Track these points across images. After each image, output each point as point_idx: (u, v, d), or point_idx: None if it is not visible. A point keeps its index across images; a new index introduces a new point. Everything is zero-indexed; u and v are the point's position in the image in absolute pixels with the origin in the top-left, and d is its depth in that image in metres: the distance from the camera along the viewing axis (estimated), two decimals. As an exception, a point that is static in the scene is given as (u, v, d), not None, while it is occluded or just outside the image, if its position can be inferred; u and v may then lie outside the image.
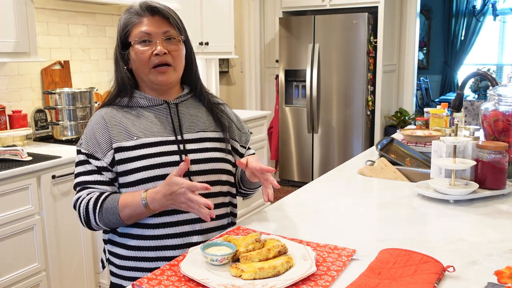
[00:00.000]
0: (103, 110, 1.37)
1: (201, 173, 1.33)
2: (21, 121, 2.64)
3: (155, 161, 1.29)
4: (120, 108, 1.37)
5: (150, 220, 1.29)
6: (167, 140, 1.33)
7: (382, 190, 1.77)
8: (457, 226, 1.37)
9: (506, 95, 1.70)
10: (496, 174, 1.60)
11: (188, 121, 1.39)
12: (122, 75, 1.36)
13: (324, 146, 4.97)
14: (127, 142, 1.30)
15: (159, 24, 1.32)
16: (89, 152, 1.31)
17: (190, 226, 1.31)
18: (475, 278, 1.03)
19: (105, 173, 1.31)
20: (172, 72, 1.35)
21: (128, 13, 1.34)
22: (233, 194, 1.46)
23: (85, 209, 1.29)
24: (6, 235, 2.07)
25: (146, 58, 1.31)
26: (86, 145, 1.33)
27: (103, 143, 1.31)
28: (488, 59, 8.02)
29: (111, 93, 1.40)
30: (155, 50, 1.30)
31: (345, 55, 4.73)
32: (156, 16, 1.32)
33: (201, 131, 1.39)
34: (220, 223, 1.38)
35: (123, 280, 1.35)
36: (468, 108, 5.47)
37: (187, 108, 1.42)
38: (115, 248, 1.36)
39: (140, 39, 1.31)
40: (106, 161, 1.30)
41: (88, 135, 1.34)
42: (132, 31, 1.33)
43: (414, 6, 5.02)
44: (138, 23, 1.32)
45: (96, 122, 1.34)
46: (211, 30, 3.72)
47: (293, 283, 0.98)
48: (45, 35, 2.88)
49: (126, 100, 1.37)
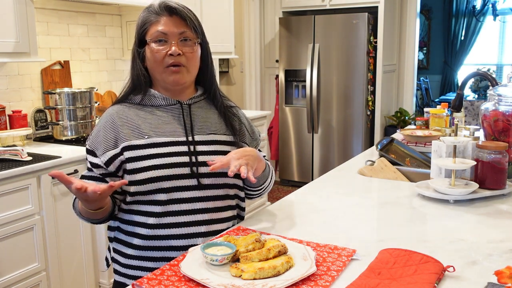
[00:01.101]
0: (115, 107, 1.38)
1: (209, 175, 1.33)
2: (21, 121, 2.64)
3: (165, 161, 1.29)
4: (132, 105, 1.38)
5: (156, 220, 1.29)
6: (178, 140, 1.33)
7: (382, 190, 1.77)
8: (457, 226, 1.37)
9: (506, 95, 1.70)
10: (496, 174, 1.60)
11: (200, 123, 1.39)
12: (138, 72, 1.37)
13: (324, 146, 4.97)
14: (138, 141, 1.31)
15: (176, 25, 1.32)
16: (90, 148, 1.35)
17: (196, 228, 1.31)
18: (475, 278, 1.03)
19: (96, 169, 1.33)
20: (185, 73, 1.35)
21: (147, 11, 1.35)
22: (241, 197, 1.45)
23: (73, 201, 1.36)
24: (6, 235, 2.07)
25: (160, 57, 1.32)
26: (91, 142, 1.36)
27: (106, 142, 1.32)
28: (488, 59, 8.01)
29: (125, 89, 1.41)
30: (170, 51, 1.31)
31: (345, 55, 4.73)
32: (174, 16, 1.32)
33: (212, 133, 1.39)
34: (225, 225, 1.37)
35: (127, 278, 1.35)
36: (468, 108, 5.47)
37: (200, 109, 1.42)
38: (120, 246, 1.36)
39: (156, 38, 1.32)
40: (103, 159, 1.31)
41: (95, 132, 1.36)
42: (149, 30, 1.33)
43: (414, 6, 5.02)
44: (156, 22, 1.32)
45: (105, 119, 1.36)
46: (211, 30, 3.72)
47: (293, 283, 0.98)
48: (45, 35, 2.88)
49: (140, 97, 1.38)
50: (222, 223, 1.36)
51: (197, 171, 1.31)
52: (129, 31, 3.33)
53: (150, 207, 1.30)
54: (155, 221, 1.30)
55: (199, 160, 1.32)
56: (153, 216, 1.30)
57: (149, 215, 1.30)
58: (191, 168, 1.31)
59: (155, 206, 1.29)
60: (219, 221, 1.35)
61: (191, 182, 1.30)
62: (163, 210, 1.29)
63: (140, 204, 1.31)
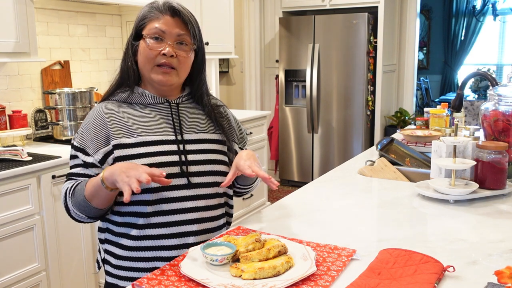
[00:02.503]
0: (103, 105, 1.37)
1: (199, 174, 1.33)
2: (21, 121, 2.64)
3: (154, 160, 1.29)
4: (120, 103, 1.37)
5: (147, 220, 1.29)
6: (167, 139, 1.33)
7: (382, 190, 1.77)
8: (457, 226, 1.37)
9: (506, 95, 1.70)
10: (496, 174, 1.60)
11: (189, 122, 1.39)
12: (128, 66, 1.36)
13: (324, 146, 4.97)
14: (127, 139, 1.30)
15: (176, 26, 1.32)
16: (80, 146, 1.32)
17: (187, 227, 1.31)
18: (475, 278, 1.03)
19: (92, 169, 1.31)
20: (174, 76, 1.34)
21: (149, 7, 1.34)
22: (230, 195, 1.46)
23: (64, 196, 1.32)
24: (6, 235, 2.07)
25: (153, 54, 1.31)
26: (79, 139, 1.33)
27: (97, 140, 1.30)
28: (488, 59, 8.02)
29: (113, 83, 1.40)
30: (164, 50, 1.30)
31: (345, 55, 4.73)
32: (176, 18, 1.32)
33: (201, 132, 1.39)
34: (216, 224, 1.38)
35: (118, 280, 1.34)
36: (468, 108, 5.47)
37: (188, 108, 1.42)
38: (111, 247, 1.35)
39: (152, 35, 1.31)
40: (96, 158, 1.30)
41: (84, 129, 1.34)
42: (147, 25, 1.33)
43: (414, 6, 5.02)
44: (156, 19, 1.32)
45: (94, 117, 1.34)
46: (211, 30, 3.72)
47: (293, 283, 0.98)
48: (45, 35, 2.88)
49: (127, 95, 1.37)
50: (213, 221, 1.36)
51: (187, 170, 1.31)
52: (129, 31, 3.32)
53: (140, 208, 1.29)
54: (145, 221, 1.29)
55: (189, 159, 1.33)
56: (143, 216, 1.29)
57: (139, 215, 1.29)
58: (181, 167, 1.31)
59: (144, 206, 1.28)
60: (210, 219, 1.35)
61: (181, 181, 1.30)
62: (152, 210, 1.29)
63: (129, 204, 1.30)
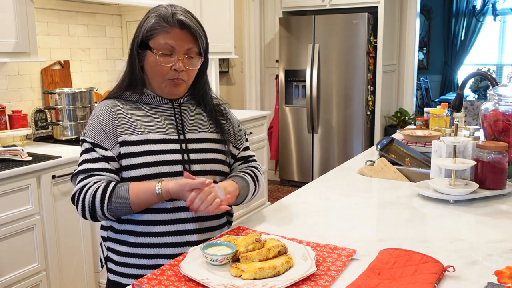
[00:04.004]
0: (109, 101, 1.38)
1: (200, 173, 1.35)
2: (21, 121, 2.64)
3: (157, 158, 1.30)
4: (125, 102, 1.38)
5: (149, 217, 1.30)
6: (170, 138, 1.35)
7: (382, 190, 1.77)
8: (457, 226, 1.37)
9: (506, 95, 1.70)
10: (496, 174, 1.60)
11: (191, 121, 1.41)
12: (135, 73, 1.37)
13: (324, 146, 4.97)
14: (132, 137, 1.32)
15: (185, 40, 1.32)
16: (95, 142, 1.31)
17: (189, 225, 1.33)
18: (475, 278, 1.03)
19: (112, 163, 1.31)
20: (184, 86, 1.39)
21: (158, 17, 1.32)
22: None
23: (92, 199, 1.26)
24: (6, 235, 2.07)
25: (164, 70, 1.33)
26: (91, 135, 1.32)
27: (110, 135, 1.31)
28: (488, 59, 8.01)
29: (119, 85, 1.41)
30: (175, 66, 1.32)
31: (345, 55, 4.73)
32: (184, 30, 1.33)
33: (203, 131, 1.42)
34: (217, 222, 1.40)
35: (121, 277, 1.35)
36: (468, 108, 5.47)
37: (190, 108, 1.44)
38: (114, 244, 1.37)
39: (162, 50, 1.32)
40: (115, 152, 1.31)
41: (94, 125, 1.33)
42: (156, 37, 1.32)
43: (414, 6, 5.02)
44: (165, 33, 1.31)
45: (103, 113, 1.34)
46: (211, 30, 3.71)
47: (293, 283, 0.98)
48: (45, 35, 2.88)
49: (130, 93, 1.38)
50: (214, 220, 1.39)
51: (189, 168, 1.33)
52: (129, 31, 3.33)
53: None
54: (148, 218, 1.31)
55: (191, 158, 1.34)
56: (147, 213, 1.30)
57: (142, 212, 1.31)
58: (183, 165, 1.33)
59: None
60: (212, 217, 1.38)
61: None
62: (155, 207, 1.30)
63: None
